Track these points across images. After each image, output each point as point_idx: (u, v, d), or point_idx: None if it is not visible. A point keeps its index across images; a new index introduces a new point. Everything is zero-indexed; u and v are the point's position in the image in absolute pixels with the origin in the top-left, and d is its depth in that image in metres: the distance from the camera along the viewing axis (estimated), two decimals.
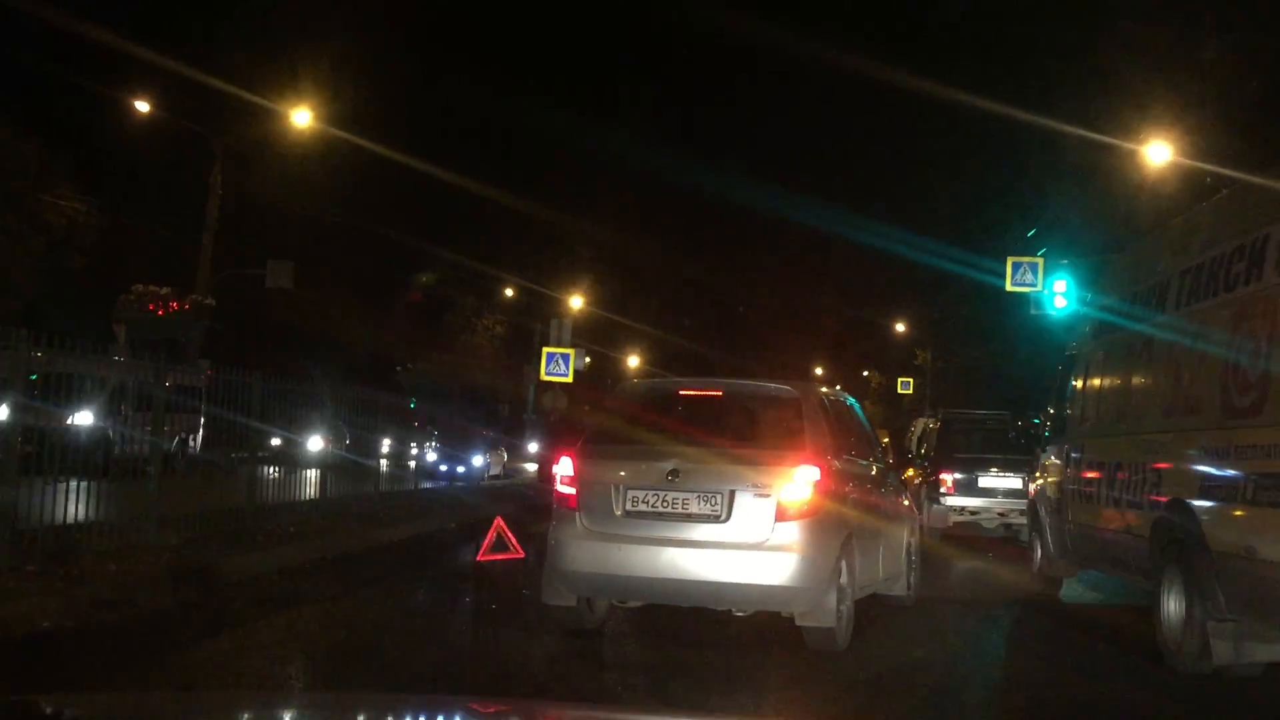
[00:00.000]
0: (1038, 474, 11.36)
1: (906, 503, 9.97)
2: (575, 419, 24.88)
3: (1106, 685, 7.13)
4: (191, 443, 14.97)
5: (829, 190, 60.38)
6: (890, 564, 8.99)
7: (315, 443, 14.56)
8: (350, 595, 9.41)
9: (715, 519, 7.32)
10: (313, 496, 13.33)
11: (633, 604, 8.10)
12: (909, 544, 9.65)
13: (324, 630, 8.00)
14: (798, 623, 7.43)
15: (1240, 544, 6.56)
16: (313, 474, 13.60)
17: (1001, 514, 15.46)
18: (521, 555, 10.90)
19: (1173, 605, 7.33)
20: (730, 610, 7.79)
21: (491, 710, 3.51)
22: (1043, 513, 10.88)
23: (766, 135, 76.22)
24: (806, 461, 7.44)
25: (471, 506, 16.83)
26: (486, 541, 10.93)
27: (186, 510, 10.33)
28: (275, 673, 6.69)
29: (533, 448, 39.07)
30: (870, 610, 8.55)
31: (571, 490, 7.69)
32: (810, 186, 59.65)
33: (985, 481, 16.04)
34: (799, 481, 7.34)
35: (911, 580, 9.65)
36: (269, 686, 6.23)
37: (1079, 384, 10.35)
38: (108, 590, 7.87)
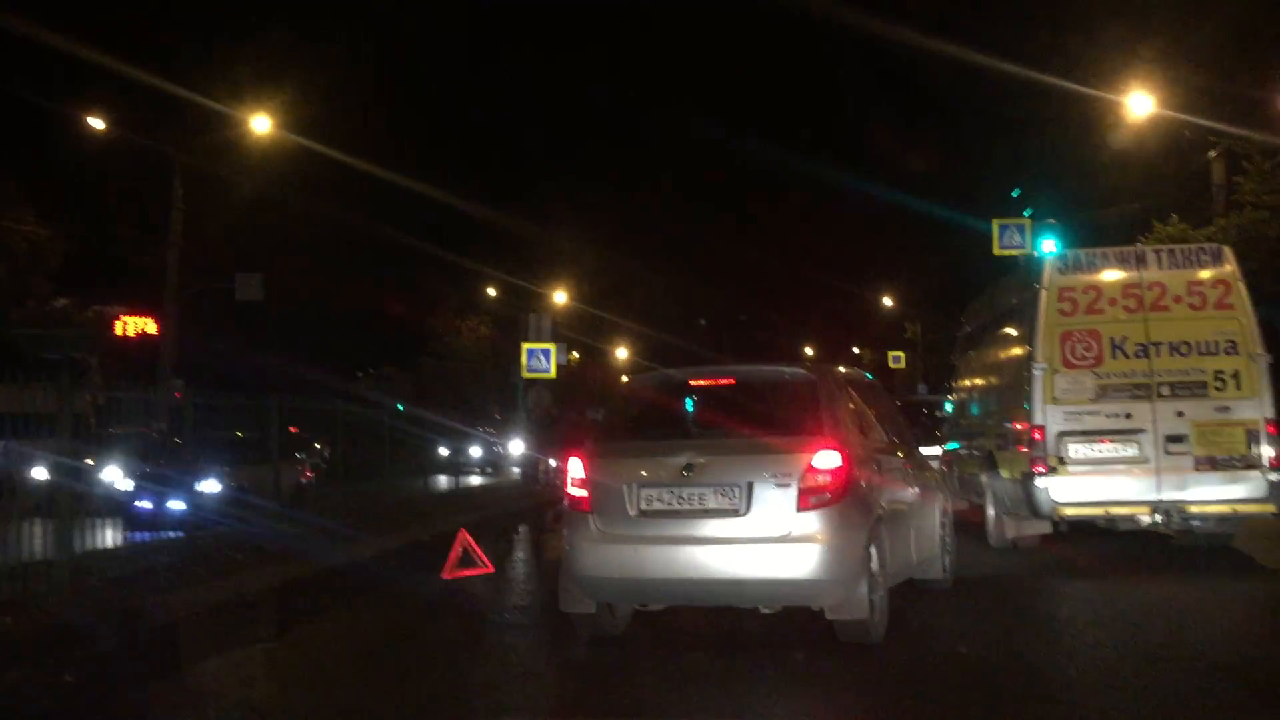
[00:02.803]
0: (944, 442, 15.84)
1: (936, 481, 9.47)
2: (566, 416, 23.91)
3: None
4: None
5: (812, 160, 60.05)
6: (924, 547, 8.51)
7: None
8: (312, 623, 8.62)
9: (734, 513, 6.83)
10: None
11: (655, 607, 7.59)
12: (942, 524, 9.18)
13: (275, 669, 7.23)
14: (828, 617, 6.93)
15: (1010, 472, 11.37)
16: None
17: None
18: (491, 570, 10.28)
19: (990, 509, 12.25)
20: (757, 608, 7.29)
21: None
22: (944, 468, 15.16)
23: (748, 103, 75.61)
24: (826, 446, 6.95)
25: None
26: (451, 557, 10.17)
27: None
28: None
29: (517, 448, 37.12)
30: (905, 595, 8.08)
31: (584, 492, 7.23)
32: (793, 160, 59.28)
33: None
34: (819, 468, 6.86)
35: (946, 562, 9.18)
36: None
37: (956, 382, 15.58)
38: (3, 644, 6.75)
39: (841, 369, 8.50)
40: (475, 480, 27.71)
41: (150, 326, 33.91)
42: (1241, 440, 10.26)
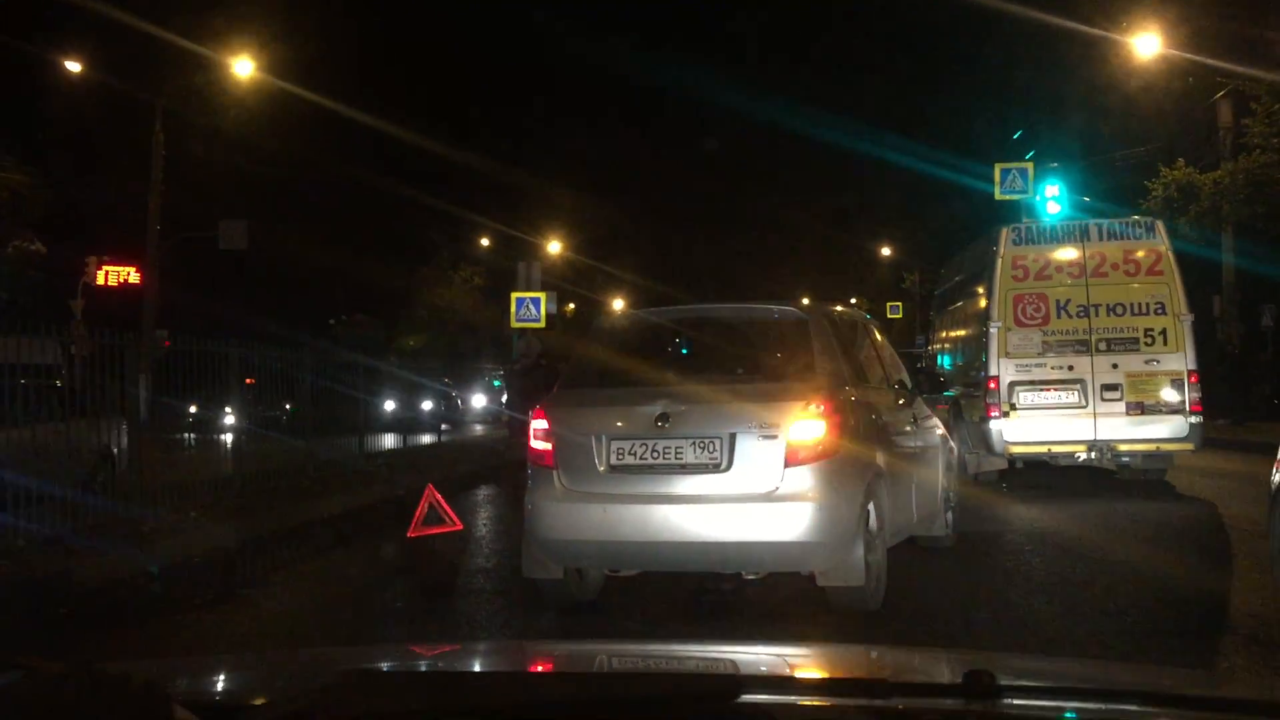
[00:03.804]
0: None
1: (940, 431, 8.81)
2: (554, 365, 23.00)
3: None
4: None
5: (810, 108, 58.99)
6: (925, 503, 7.84)
7: None
8: (258, 590, 7.90)
9: (714, 468, 6.17)
10: None
11: (628, 572, 6.95)
12: (945, 477, 8.52)
13: (210, 641, 6.54)
14: (820, 583, 6.30)
15: (971, 413, 13.02)
16: None
17: None
18: (460, 527, 9.65)
19: (958, 446, 12.12)
20: (740, 574, 6.66)
21: (434, 652, 3.25)
22: None
23: (745, 49, 74.20)
24: (818, 394, 6.27)
25: None
26: (418, 514, 9.46)
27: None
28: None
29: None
30: (905, 556, 7.45)
31: (547, 445, 6.52)
32: (790, 102, 58.19)
33: None
34: (811, 418, 6.18)
35: (949, 518, 8.53)
36: None
37: (934, 335, 17.51)
38: None
39: (837, 308, 7.76)
40: (427, 439, 22.42)
41: (133, 275, 33.16)
42: (1167, 388, 11.82)
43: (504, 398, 33.20)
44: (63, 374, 11.17)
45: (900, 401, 7.75)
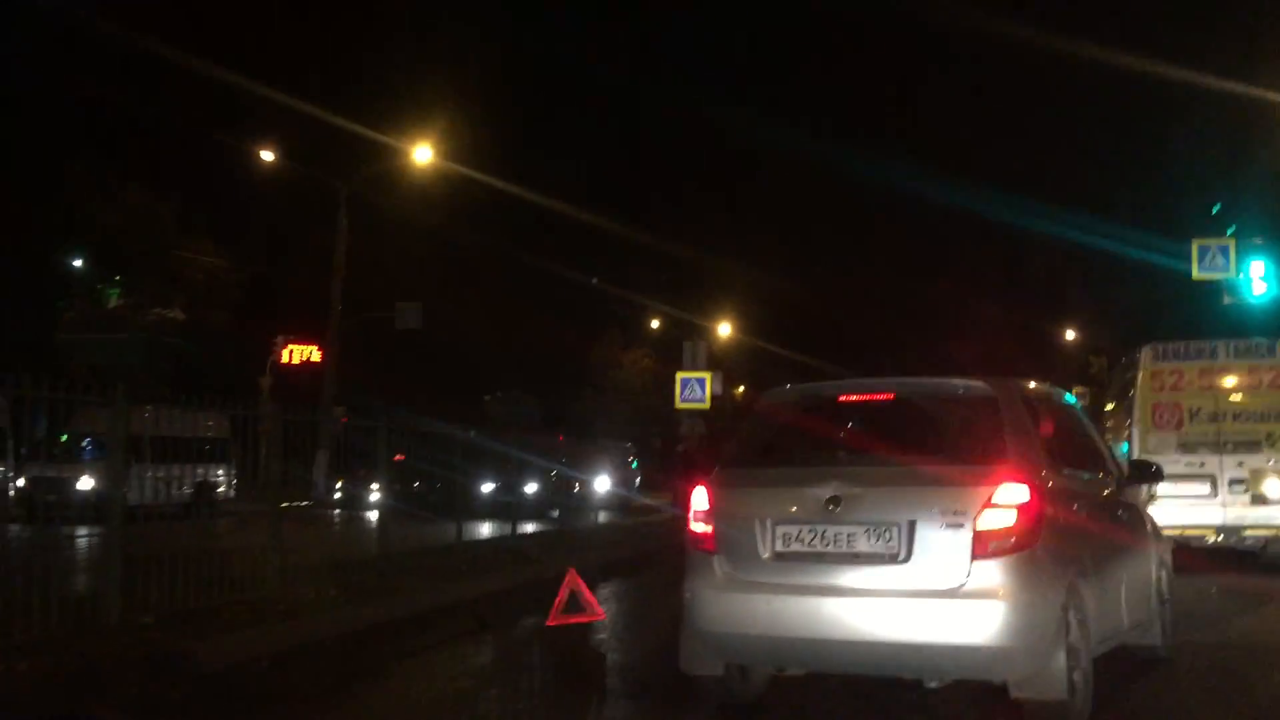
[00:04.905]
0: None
1: (1150, 526, 7.86)
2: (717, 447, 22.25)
3: None
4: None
5: (990, 185, 57.57)
6: (1136, 605, 6.90)
7: None
8: (377, 680, 7.38)
9: (892, 559, 5.52)
10: None
11: (794, 672, 6.29)
12: (1159, 577, 7.56)
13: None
14: (1013, 695, 5.53)
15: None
16: None
17: None
18: (602, 616, 9.07)
19: None
20: (920, 680, 5.92)
21: None
22: None
23: (925, 125, 73.04)
24: (1011, 478, 5.56)
25: None
26: (558, 601, 8.92)
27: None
28: None
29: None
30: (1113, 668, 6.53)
31: (708, 528, 6.00)
32: (973, 184, 56.82)
33: None
34: (1003, 504, 5.47)
35: (1166, 624, 7.54)
36: None
37: (1107, 412, 18.80)
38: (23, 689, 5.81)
39: (1031, 384, 7.00)
40: (530, 528, 18.05)
41: (315, 354, 34.30)
42: None
43: (636, 480, 32.11)
44: (233, 448, 11.12)
45: (1106, 491, 6.91)
